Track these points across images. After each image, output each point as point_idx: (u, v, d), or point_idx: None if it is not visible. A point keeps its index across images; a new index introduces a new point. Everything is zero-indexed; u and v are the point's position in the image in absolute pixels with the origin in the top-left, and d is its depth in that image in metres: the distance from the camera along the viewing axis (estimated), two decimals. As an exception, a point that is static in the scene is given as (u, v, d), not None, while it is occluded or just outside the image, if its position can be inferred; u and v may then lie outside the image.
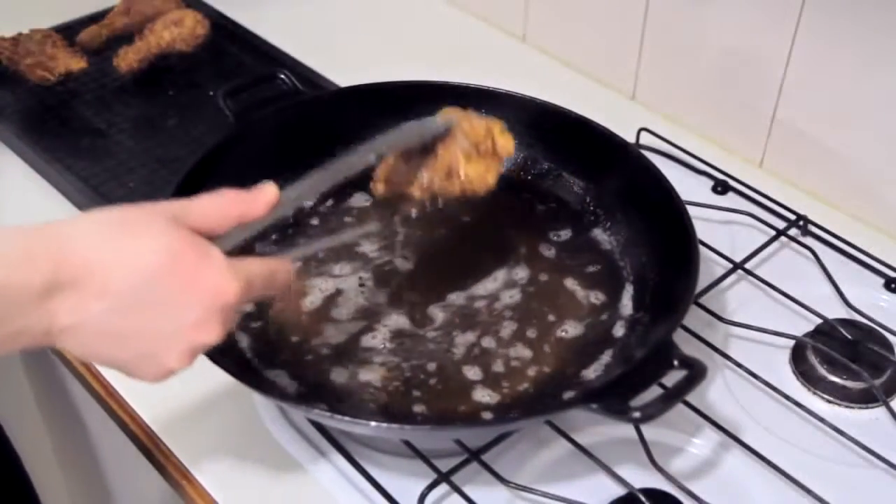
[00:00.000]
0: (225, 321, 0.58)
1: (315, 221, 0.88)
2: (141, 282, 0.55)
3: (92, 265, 0.54)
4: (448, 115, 0.77)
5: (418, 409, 0.73)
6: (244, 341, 0.77)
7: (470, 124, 0.76)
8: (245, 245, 0.63)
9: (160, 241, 0.56)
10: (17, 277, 0.53)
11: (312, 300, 0.81)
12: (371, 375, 0.75)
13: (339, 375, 0.75)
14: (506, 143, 0.77)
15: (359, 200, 0.90)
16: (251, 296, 0.60)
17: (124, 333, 0.56)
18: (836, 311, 0.85)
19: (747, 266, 0.89)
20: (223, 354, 0.73)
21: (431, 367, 0.76)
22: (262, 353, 0.76)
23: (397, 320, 0.79)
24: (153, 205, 0.59)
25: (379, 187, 0.78)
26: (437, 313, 0.80)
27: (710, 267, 0.89)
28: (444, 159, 0.76)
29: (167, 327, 0.57)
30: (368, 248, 0.85)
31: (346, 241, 0.84)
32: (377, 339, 0.78)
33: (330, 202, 0.89)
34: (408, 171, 0.77)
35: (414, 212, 0.80)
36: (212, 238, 0.60)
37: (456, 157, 0.75)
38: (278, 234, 0.85)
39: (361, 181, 0.84)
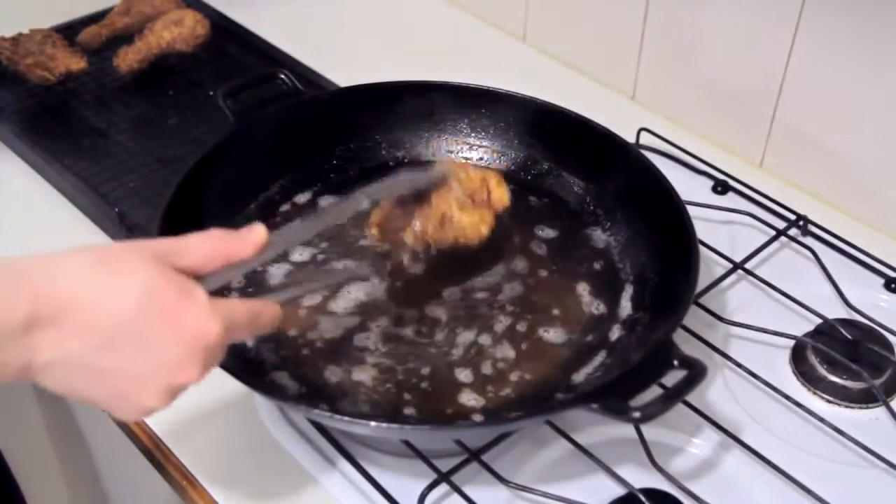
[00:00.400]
0: (206, 362, 0.57)
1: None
2: (120, 320, 0.54)
3: (72, 301, 0.53)
4: (444, 165, 0.77)
5: (408, 411, 0.73)
6: (248, 342, 0.77)
7: (466, 174, 0.77)
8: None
9: (141, 279, 0.55)
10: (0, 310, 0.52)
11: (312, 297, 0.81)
12: (363, 375, 0.75)
13: (333, 374, 0.75)
14: (501, 195, 0.78)
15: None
16: (234, 337, 0.60)
17: (103, 371, 0.55)
18: (836, 311, 0.85)
19: (747, 266, 0.89)
20: (226, 356, 0.73)
21: (426, 370, 0.76)
22: (265, 354, 0.76)
23: (400, 317, 0.79)
24: (138, 243, 0.58)
25: (373, 232, 0.78)
26: (439, 313, 0.80)
27: (710, 267, 0.89)
28: (439, 208, 0.76)
29: (146, 366, 0.56)
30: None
31: (336, 283, 0.82)
32: (370, 339, 0.78)
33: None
34: (402, 218, 0.77)
35: (406, 258, 0.80)
36: (198, 278, 0.59)
37: (450, 206, 0.76)
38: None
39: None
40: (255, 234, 0.62)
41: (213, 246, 0.60)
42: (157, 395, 0.57)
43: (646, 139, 1.02)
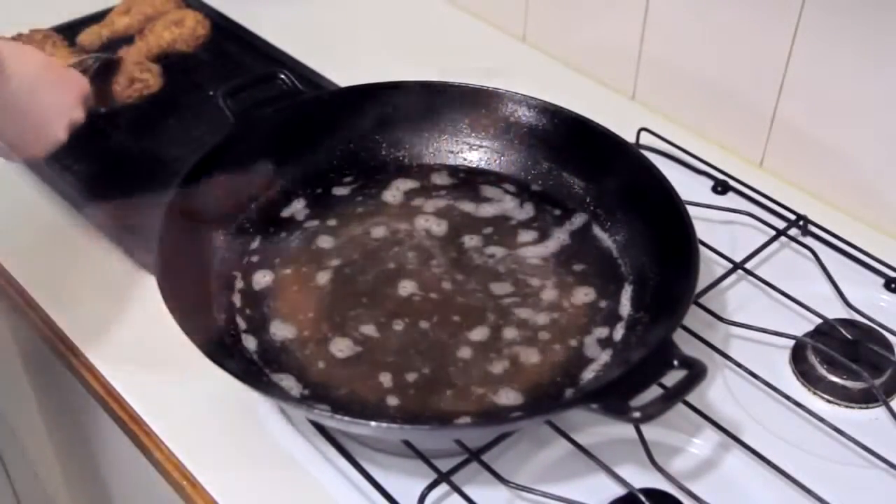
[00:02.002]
0: (82, 107, 0.83)
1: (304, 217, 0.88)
2: (36, 69, 0.77)
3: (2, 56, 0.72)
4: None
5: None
6: (250, 344, 0.77)
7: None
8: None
9: (38, 51, 0.82)
10: None
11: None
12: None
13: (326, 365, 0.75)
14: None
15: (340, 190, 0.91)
16: None
17: (28, 109, 0.76)
18: (836, 311, 0.85)
19: (747, 266, 0.89)
20: (226, 356, 0.73)
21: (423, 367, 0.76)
22: (268, 355, 0.76)
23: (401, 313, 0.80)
24: None
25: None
26: (436, 311, 0.80)
27: (710, 267, 0.89)
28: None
29: (56, 105, 0.79)
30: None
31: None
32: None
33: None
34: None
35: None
36: None
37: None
38: (265, 235, 0.86)
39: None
40: None
41: None
42: (63, 129, 0.80)
43: (646, 139, 1.02)
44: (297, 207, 0.89)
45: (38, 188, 0.99)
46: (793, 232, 0.93)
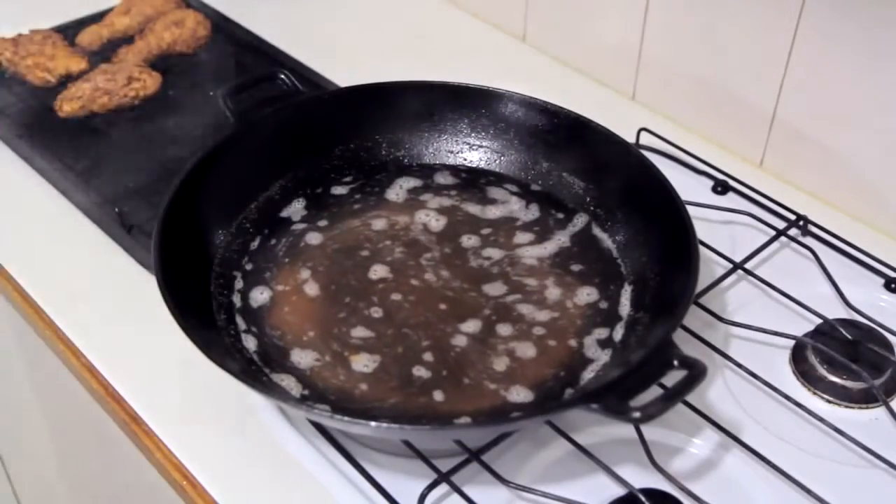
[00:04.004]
0: None
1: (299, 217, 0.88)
2: None
3: None
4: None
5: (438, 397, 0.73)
6: (250, 344, 0.77)
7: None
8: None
9: None
10: None
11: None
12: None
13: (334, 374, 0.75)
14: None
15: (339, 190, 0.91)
16: None
17: None
18: (836, 311, 0.85)
19: (747, 266, 0.89)
20: (226, 356, 0.73)
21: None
22: (268, 355, 0.76)
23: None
24: None
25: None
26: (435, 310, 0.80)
27: (710, 267, 0.89)
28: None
29: None
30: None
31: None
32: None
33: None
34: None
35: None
36: None
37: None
38: (265, 237, 0.86)
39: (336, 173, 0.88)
40: None
41: None
42: None
43: (646, 139, 1.02)
44: (297, 207, 0.89)
45: (38, 188, 0.99)
46: (793, 232, 0.93)
